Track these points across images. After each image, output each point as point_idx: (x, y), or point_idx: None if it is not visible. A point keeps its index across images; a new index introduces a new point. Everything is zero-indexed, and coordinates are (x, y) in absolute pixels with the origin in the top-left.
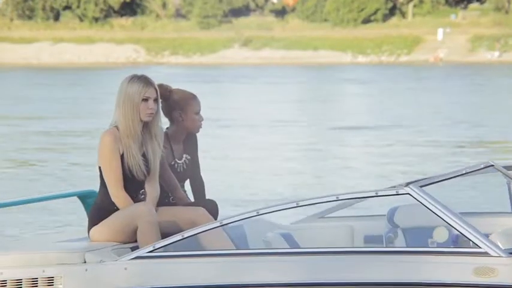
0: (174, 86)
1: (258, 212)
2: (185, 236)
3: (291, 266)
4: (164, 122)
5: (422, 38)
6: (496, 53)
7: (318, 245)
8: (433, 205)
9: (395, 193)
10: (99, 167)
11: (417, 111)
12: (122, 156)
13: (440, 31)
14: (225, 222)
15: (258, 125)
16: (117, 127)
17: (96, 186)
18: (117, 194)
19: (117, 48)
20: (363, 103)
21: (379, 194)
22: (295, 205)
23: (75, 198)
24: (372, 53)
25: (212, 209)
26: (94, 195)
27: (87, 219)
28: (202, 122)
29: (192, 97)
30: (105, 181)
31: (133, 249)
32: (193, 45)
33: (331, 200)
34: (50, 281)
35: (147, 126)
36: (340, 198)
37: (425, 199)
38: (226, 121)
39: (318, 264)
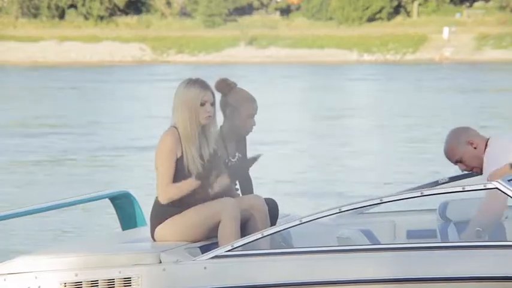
0: (176, 84)
1: (340, 209)
2: (264, 234)
3: (374, 262)
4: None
5: (428, 36)
6: None
7: (362, 242)
8: None
9: (483, 187)
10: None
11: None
12: (182, 158)
13: (446, 30)
14: (304, 220)
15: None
16: (176, 128)
17: None
18: (167, 186)
19: (122, 47)
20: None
21: (466, 189)
22: (379, 201)
23: None
24: (377, 52)
25: (273, 208)
26: (127, 196)
27: (118, 221)
28: (254, 127)
29: (250, 99)
30: (157, 176)
31: (202, 248)
32: (199, 43)
33: (416, 196)
34: (127, 281)
35: (203, 128)
36: (424, 194)
37: None
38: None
39: (407, 258)
